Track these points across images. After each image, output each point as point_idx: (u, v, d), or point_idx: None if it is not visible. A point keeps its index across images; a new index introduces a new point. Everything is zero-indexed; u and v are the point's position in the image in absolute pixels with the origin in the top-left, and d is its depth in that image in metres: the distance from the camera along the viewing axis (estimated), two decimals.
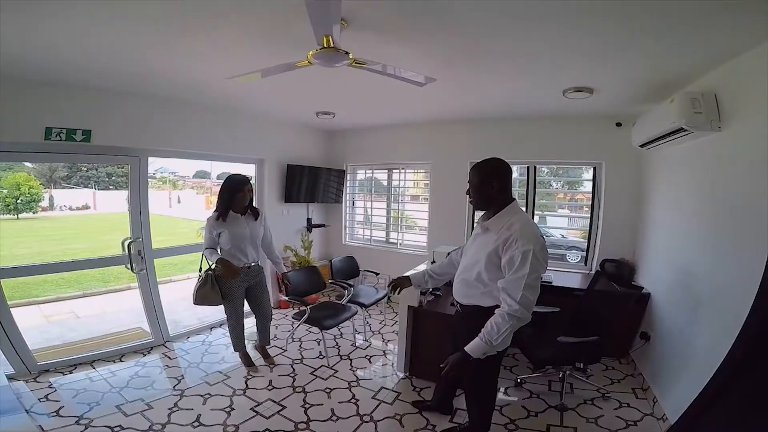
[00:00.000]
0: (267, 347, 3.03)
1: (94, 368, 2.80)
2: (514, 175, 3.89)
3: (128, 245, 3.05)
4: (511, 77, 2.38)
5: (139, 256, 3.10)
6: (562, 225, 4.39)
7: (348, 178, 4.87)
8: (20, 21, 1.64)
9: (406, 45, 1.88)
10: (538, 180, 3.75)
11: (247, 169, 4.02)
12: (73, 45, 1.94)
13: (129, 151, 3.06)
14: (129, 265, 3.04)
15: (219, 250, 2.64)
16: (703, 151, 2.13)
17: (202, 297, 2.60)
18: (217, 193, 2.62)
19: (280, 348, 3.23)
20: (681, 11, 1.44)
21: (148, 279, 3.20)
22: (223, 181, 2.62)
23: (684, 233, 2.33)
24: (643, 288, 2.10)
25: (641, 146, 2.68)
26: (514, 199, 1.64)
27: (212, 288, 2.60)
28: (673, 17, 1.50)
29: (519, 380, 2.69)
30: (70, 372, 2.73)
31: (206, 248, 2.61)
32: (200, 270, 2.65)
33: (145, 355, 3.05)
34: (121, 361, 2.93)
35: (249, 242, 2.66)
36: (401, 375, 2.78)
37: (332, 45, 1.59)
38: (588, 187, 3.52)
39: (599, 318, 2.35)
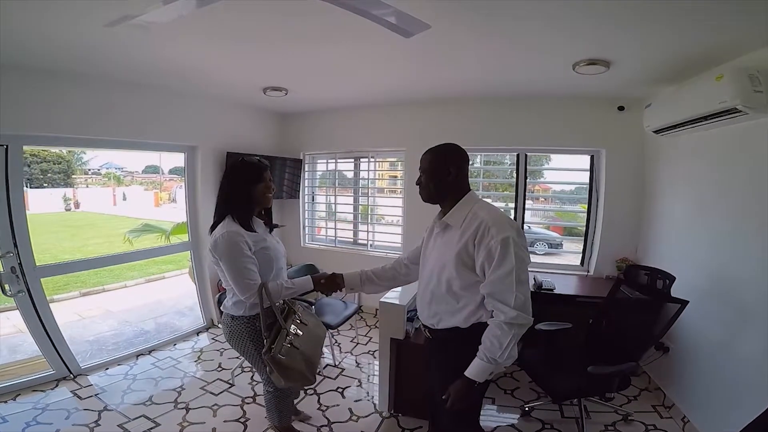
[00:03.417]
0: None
1: None
2: (506, 164, 3.66)
3: None
4: (517, 46, 1.95)
5: (13, 274, 2.34)
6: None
7: (306, 168, 4.19)
8: None
9: None
10: (501, 170, 3.51)
11: (175, 160, 3.20)
12: None
13: None
14: None
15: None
16: (749, 137, 1.80)
17: (296, 375, 1.55)
18: (225, 188, 1.62)
19: (225, 382, 2.61)
20: None
21: (33, 302, 2.44)
22: (228, 169, 1.66)
23: (718, 233, 2.03)
24: (688, 300, 1.76)
25: (656, 131, 2.33)
26: (470, 189, 1.40)
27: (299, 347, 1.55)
28: None
29: (526, 408, 2.31)
30: None
31: (257, 284, 1.53)
32: (266, 335, 1.54)
33: (47, 393, 2.41)
34: (15, 400, 2.31)
35: (284, 265, 1.78)
36: (384, 414, 2.27)
37: None
38: (549, 177, 3.42)
39: (628, 335, 2.02)
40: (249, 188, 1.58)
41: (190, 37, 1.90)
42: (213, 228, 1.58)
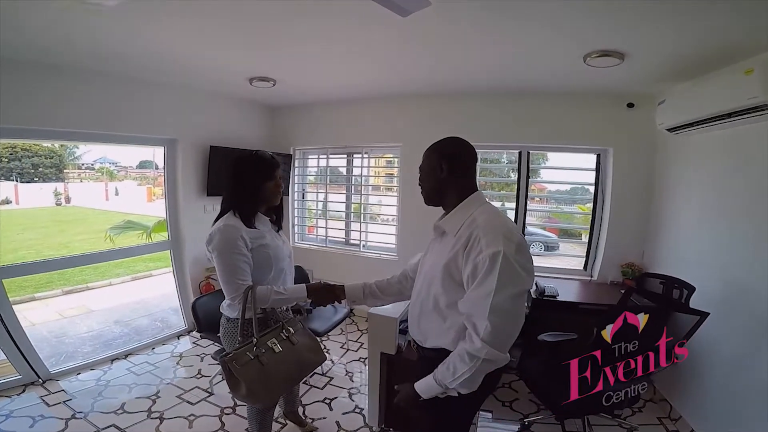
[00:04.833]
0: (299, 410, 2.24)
1: None
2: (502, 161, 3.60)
3: None
4: (523, 36, 1.82)
5: None
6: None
7: (296, 164, 4.00)
8: None
9: None
10: (496, 170, 3.42)
11: (155, 154, 3.03)
12: None
13: None
14: None
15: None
16: None
17: (267, 391, 1.37)
18: (231, 180, 1.50)
19: (204, 390, 2.46)
20: None
21: None
22: (237, 161, 1.51)
23: (733, 237, 1.92)
24: (708, 312, 1.65)
25: (671, 130, 2.19)
26: (477, 189, 1.21)
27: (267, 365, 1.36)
28: None
29: (526, 423, 2.18)
30: None
31: (246, 285, 1.41)
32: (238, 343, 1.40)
33: (13, 399, 2.29)
34: None
35: (289, 268, 1.65)
36: (375, 428, 2.14)
37: None
38: (546, 176, 3.36)
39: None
40: (258, 185, 1.48)
41: (168, 23, 1.76)
42: (215, 222, 1.50)
